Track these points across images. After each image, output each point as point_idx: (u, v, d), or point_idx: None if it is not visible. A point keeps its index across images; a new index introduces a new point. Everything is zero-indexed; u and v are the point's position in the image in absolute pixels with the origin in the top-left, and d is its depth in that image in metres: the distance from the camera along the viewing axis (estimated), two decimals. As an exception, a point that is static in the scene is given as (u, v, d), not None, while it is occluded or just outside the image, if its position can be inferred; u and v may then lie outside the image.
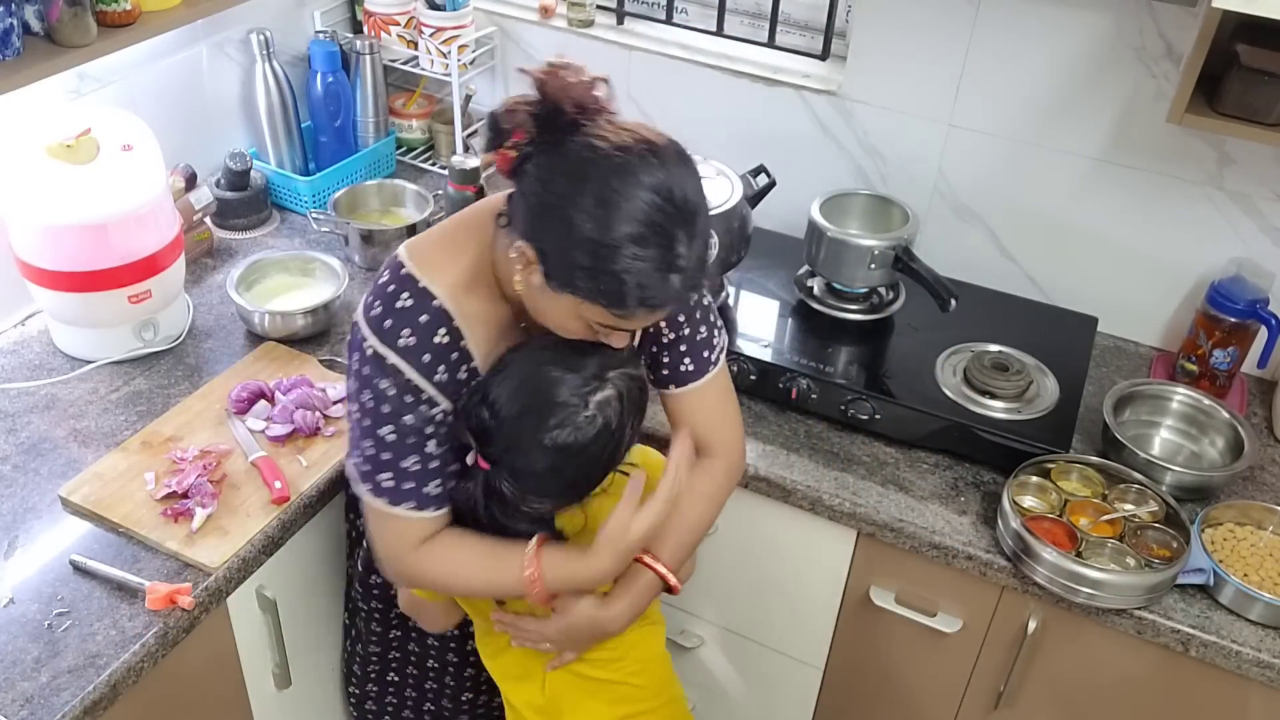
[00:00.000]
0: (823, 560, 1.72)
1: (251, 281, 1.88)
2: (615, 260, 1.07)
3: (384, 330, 1.21)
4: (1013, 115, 1.88)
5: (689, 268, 1.11)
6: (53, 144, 1.61)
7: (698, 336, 1.36)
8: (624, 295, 1.09)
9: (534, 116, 1.13)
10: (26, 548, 1.44)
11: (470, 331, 1.24)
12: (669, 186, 1.08)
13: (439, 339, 1.22)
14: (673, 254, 1.09)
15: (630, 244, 1.06)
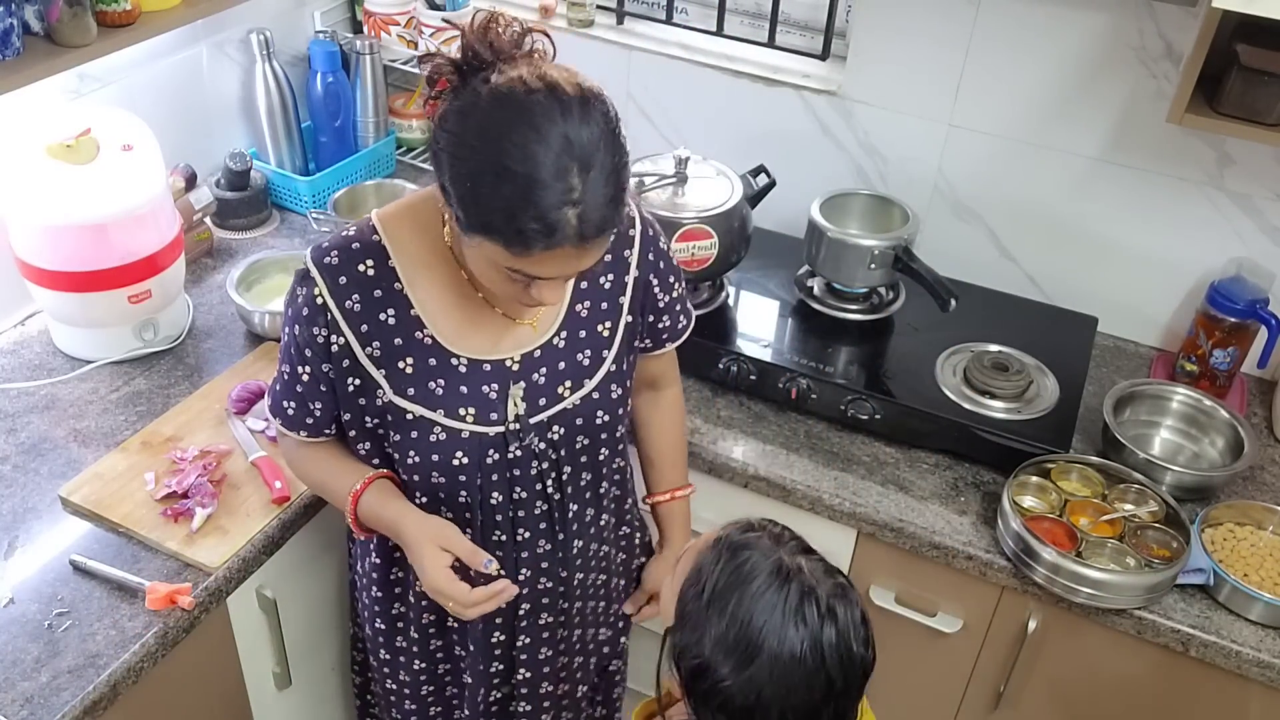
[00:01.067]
0: (823, 560, 1.72)
1: (251, 281, 1.88)
2: (504, 197, 1.05)
3: (319, 248, 1.25)
4: (1013, 115, 1.88)
5: (585, 205, 1.05)
6: (53, 144, 1.61)
7: (684, 293, 1.45)
8: (518, 233, 1.06)
9: (453, 64, 1.16)
10: (26, 548, 1.44)
11: (410, 278, 1.24)
12: (562, 126, 1.04)
13: (364, 268, 1.23)
14: (565, 189, 1.04)
15: (519, 180, 1.04)
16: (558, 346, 1.31)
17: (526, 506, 1.33)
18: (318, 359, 1.25)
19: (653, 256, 1.37)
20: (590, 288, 1.32)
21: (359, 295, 1.23)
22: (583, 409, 1.33)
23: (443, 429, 1.26)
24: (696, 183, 1.83)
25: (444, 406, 1.26)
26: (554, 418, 1.31)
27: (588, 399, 1.33)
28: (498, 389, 1.28)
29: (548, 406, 1.31)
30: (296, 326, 1.25)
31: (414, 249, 1.25)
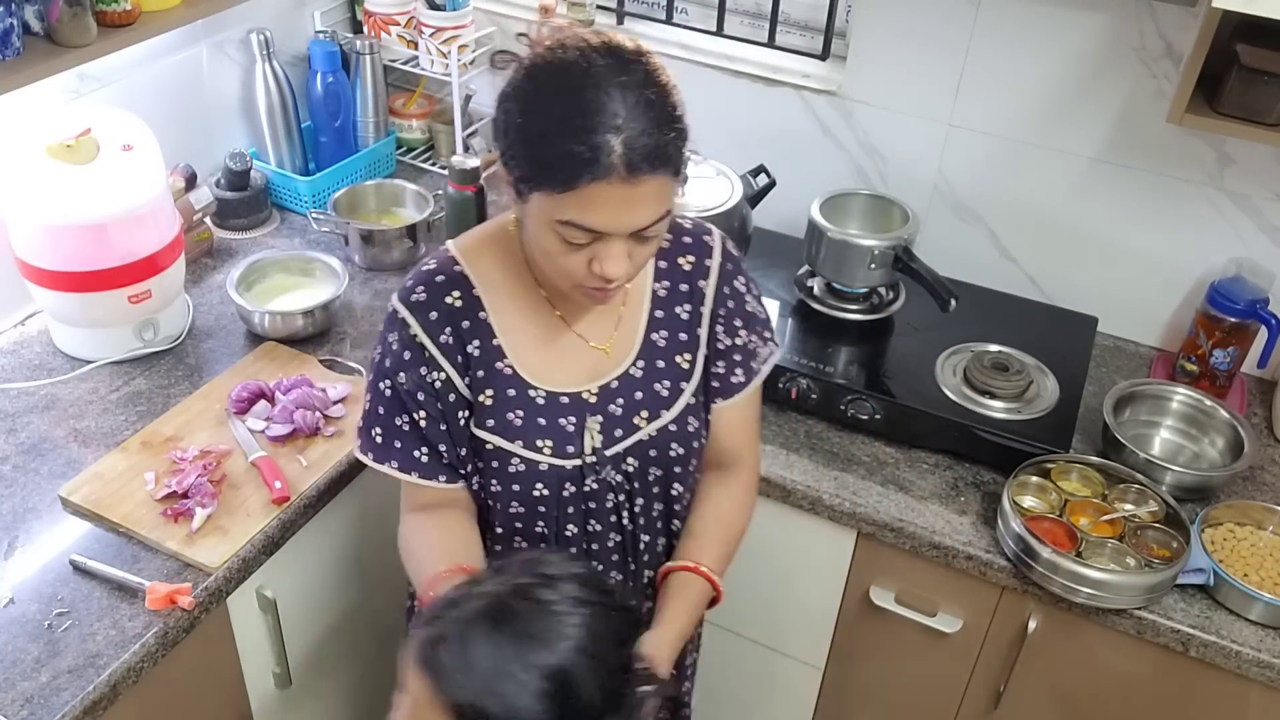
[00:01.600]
0: (823, 560, 1.72)
1: (251, 281, 1.88)
2: (550, 132, 1.05)
3: (404, 289, 1.24)
4: (1013, 115, 1.88)
5: (630, 131, 1.03)
6: (53, 144, 1.61)
7: (749, 345, 1.34)
8: (562, 163, 1.04)
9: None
10: (26, 548, 1.44)
11: (494, 306, 1.24)
12: (604, 64, 1.05)
13: (450, 299, 1.22)
14: (610, 115, 1.03)
15: (562, 110, 1.04)
16: (635, 377, 1.28)
17: (600, 539, 1.31)
18: (432, 400, 1.23)
19: (728, 290, 1.32)
20: (667, 316, 1.29)
21: (450, 328, 1.22)
22: (658, 440, 1.29)
23: (521, 460, 1.25)
24: (696, 183, 1.83)
25: (522, 438, 1.24)
26: (629, 449, 1.28)
27: (664, 430, 1.29)
28: (575, 421, 1.26)
29: (624, 438, 1.28)
30: (402, 375, 1.23)
31: (496, 276, 1.24)
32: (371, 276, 2.02)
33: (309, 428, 1.63)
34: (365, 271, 2.03)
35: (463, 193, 1.94)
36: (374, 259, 2.03)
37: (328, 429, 1.64)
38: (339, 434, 1.64)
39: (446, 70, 2.19)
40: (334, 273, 1.90)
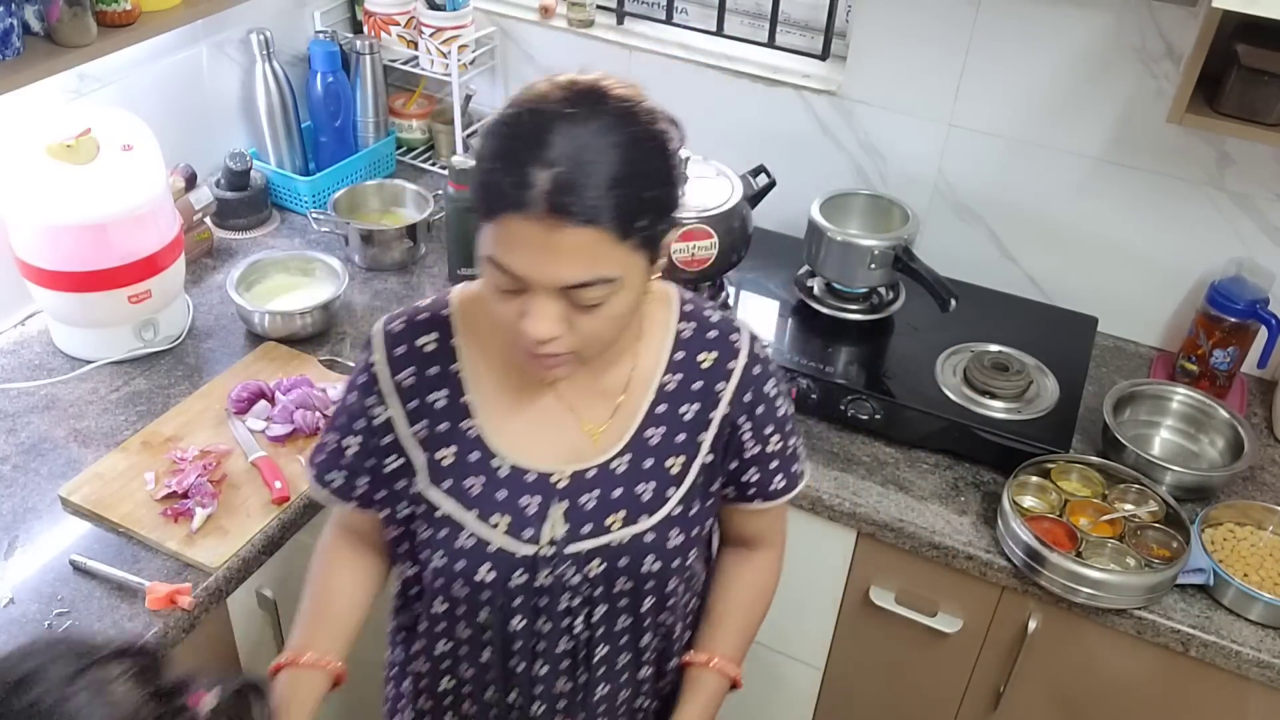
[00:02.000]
0: (823, 560, 1.72)
1: (251, 281, 1.88)
2: (482, 160, 1.00)
3: (389, 315, 1.18)
4: (1013, 115, 1.88)
5: (562, 168, 0.94)
6: (53, 144, 1.61)
7: (787, 450, 1.24)
8: (485, 187, 0.99)
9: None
10: (26, 548, 1.44)
11: (471, 361, 1.15)
12: (553, 97, 1.00)
13: (424, 341, 1.15)
14: (541, 146, 0.95)
15: (502, 138, 0.99)
16: (616, 471, 1.15)
17: (550, 640, 1.17)
18: (367, 433, 1.16)
19: (750, 398, 1.19)
20: (668, 413, 1.16)
21: (414, 369, 1.14)
22: (630, 548, 1.14)
23: (471, 534, 1.13)
24: (696, 183, 1.83)
25: (477, 507, 1.13)
26: (595, 551, 1.14)
27: (638, 539, 1.14)
28: (539, 503, 1.13)
29: (590, 536, 1.14)
30: (351, 395, 1.17)
31: (487, 330, 1.14)
32: (371, 277, 2.02)
33: (309, 428, 1.63)
34: (365, 271, 2.03)
35: (463, 193, 1.94)
36: (374, 259, 2.03)
37: (328, 429, 1.64)
38: (339, 434, 1.64)
39: (446, 70, 2.19)
40: (334, 273, 1.90)
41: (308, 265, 1.94)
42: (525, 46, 2.26)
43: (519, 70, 2.29)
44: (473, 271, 2.00)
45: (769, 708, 1.98)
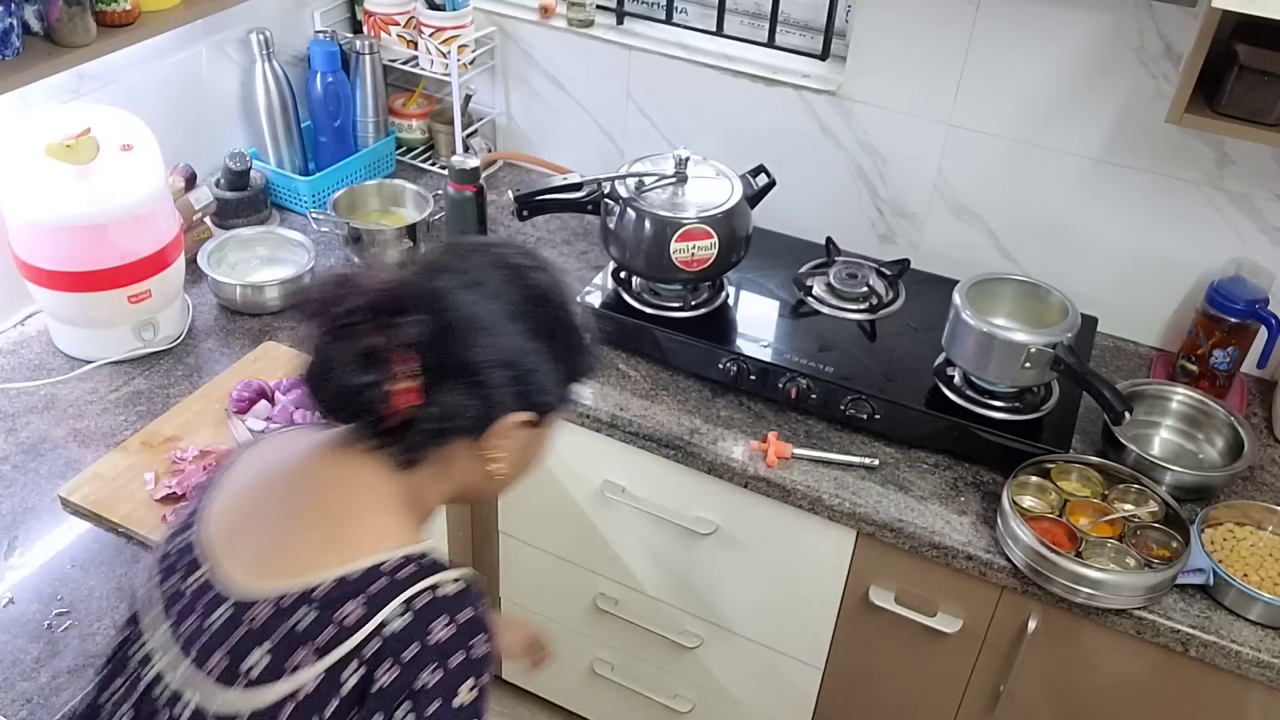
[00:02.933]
0: (823, 560, 1.72)
1: (220, 259, 1.96)
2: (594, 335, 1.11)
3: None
4: (1012, 115, 1.88)
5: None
6: (53, 144, 1.61)
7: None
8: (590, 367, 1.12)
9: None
10: (26, 548, 1.44)
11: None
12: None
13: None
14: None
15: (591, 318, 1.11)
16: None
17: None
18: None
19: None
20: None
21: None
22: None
23: None
24: (696, 183, 1.84)
25: None
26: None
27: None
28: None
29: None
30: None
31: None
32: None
33: (309, 428, 1.63)
34: (365, 271, 2.03)
35: (462, 192, 1.94)
36: (374, 259, 2.03)
37: (328, 429, 1.64)
38: (339, 434, 1.64)
39: (446, 70, 2.19)
40: (305, 249, 1.98)
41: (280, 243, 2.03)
42: (525, 46, 2.26)
43: (519, 70, 2.29)
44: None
45: (769, 708, 1.98)
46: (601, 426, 1.76)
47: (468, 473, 1.06)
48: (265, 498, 1.05)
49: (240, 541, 1.02)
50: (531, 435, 1.08)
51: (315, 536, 1.00)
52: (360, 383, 0.96)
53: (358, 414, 1.00)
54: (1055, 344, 1.58)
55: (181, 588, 1.01)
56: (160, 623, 1.01)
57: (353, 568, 0.96)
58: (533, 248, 1.10)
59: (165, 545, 1.07)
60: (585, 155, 2.31)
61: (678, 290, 1.86)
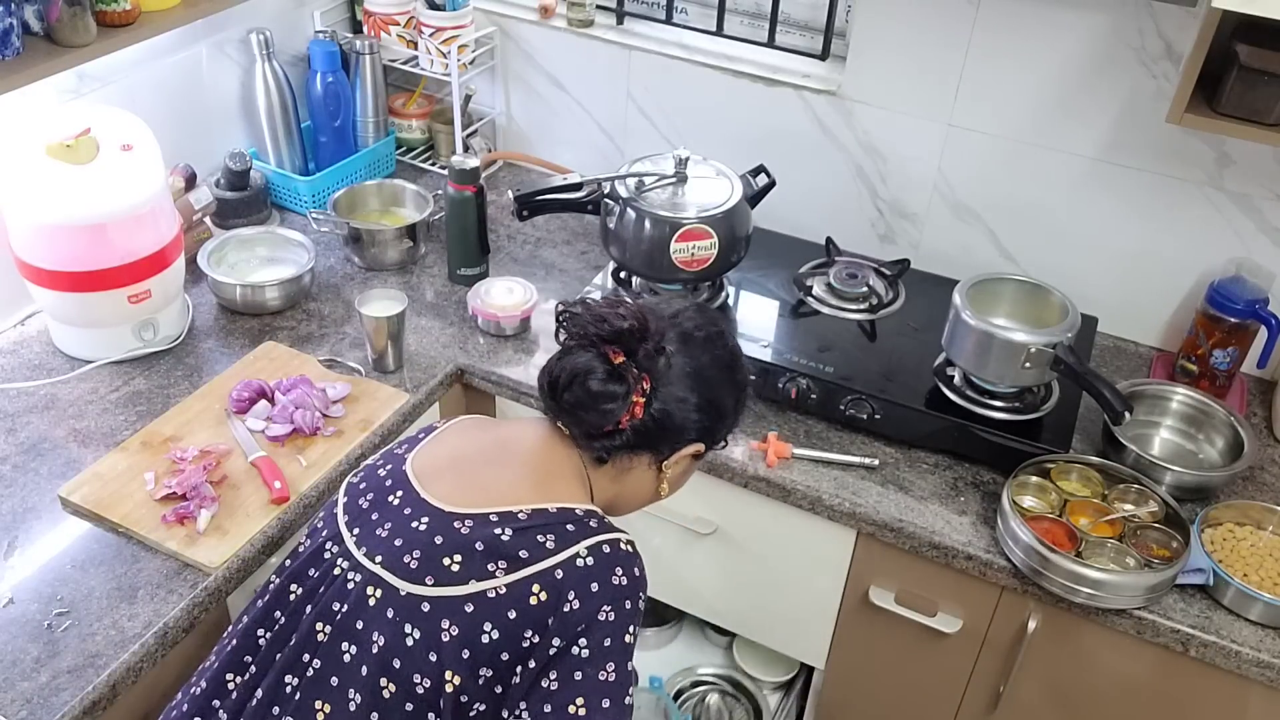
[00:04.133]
0: (823, 560, 1.72)
1: (220, 259, 1.96)
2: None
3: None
4: (1012, 115, 1.88)
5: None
6: (53, 144, 1.61)
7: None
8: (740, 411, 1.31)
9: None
10: (26, 548, 1.44)
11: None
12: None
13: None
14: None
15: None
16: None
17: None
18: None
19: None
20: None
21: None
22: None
23: None
24: (696, 183, 1.84)
25: None
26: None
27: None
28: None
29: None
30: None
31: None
32: (371, 276, 2.02)
33: (309, 427, 1.63)
34: (365, 271, 2.03)
35: (462, 193, 1.94)
36: (374, 259, 2.04)
37: (327, 429, 1.64)
38: (338, 434, 1.64)
39: (446, 70, 2.19)
40: (305, 249, 1.98)
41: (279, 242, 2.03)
42: (525, 46, 2.26)
43: (519, 70, 2.29)
44: (472, 271, 2.00)
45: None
46: (601, 426, 1.76)
47: (639, 482, 1.27)
48: (472, 449, 1.25)
49: (444, 475, 1.21)
50: (691, 464, 1.31)
51: (516, 478, 1.20)
52: (603, 390, 1.18)
53: (588, 414, 1.19)
54: (1055, 344, 1.58)
55: (378, 503, 1.20)
56: (355, 528, 1.19)
57: (549, 505, 1.17)
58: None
59: (353, 477, 1.27)
60: (585, 155, 2.31)
61: (678, 290, 1.86)
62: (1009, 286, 1.74)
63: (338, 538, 1.20)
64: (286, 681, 1.15)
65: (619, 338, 1.20)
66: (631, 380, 1.19)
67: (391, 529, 1.17)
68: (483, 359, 1.84)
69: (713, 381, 1.25)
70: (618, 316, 1.20)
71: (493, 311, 1.87)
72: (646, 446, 1.23)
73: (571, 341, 1.23)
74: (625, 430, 1.20)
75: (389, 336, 1.76)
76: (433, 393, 1.78)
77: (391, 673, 1.11)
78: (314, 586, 1.18)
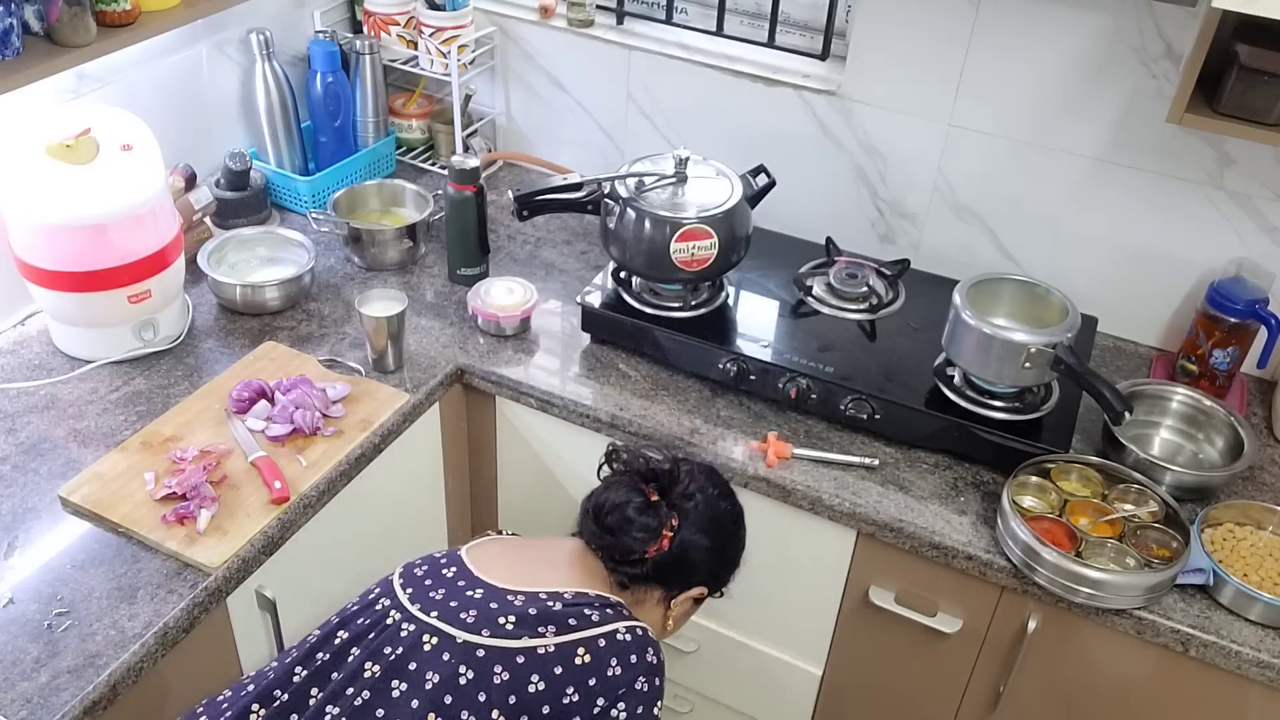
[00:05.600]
0: (823, 560, 1.72)
1: (220, 259, 1.96)
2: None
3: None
4: (1013, 115, 1.88)
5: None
6: (53, 144, 1.61)
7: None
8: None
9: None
10: (26, 548, 1.44)
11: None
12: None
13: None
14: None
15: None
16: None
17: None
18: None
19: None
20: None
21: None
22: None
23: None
24: (696, 183, 1.83)
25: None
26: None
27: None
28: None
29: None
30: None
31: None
32: (371, 276, 2.02)
33: (309, 428, 1.63)
34: (365, 271, 2.04)
35: (462, 193, 1.94)
36: (374, 259, 2.04)
37: (327, 429, 1.64)
38: (338, 434, 1.64)
39: (446, 70, 2.19)
40: (305, 249, 1.98)
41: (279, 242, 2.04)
42: (525, 46, 2.26)
43: (519, 70, 2.29)
44: (472, 271, 2.00)
45: (769, 708, 1.98)
46: (601, 426, 1.76)
47: (649, 615, 1.41)
48: (522, 549, 1.45)
49: (497, 562, 1.37)
50: (693, 607, 1.47)
51: (561, 571, 1.38)
52: (639, 519, 1.36)
53: (623, 537, 1.36)
54: (1055, 344, 1.58)
55: (433, 573, 1.35)
56: (409, 588, 1.33)
57: (590, 591, 1.35)
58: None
59: (409, 560, 1.40)
60: (585, 155, 2.31)
61: (678, 290, 1.86)
62: (1009, 286, 1.74)
63: (391, 594, 1.32)
64: (328, 711, 1.24)
65: (656, 477, 1.40)
66: (663, 515, 1.37)
67: (446, 594, 1.31)
68: (483, 359, 1.84)
69: (725, 531, 1.44)
70: (657, 460, 1.42)
71: (493, 311, 1.87)
72: (660, 581, 1.39)
73: (614, 477, 1.43)
74: (649, 561, 1.36)
75: (389, 336, 1.76)
76: (433, 393, 1.78)
77: (441, 708, 1.22)
78: (362, 632, 1.29)
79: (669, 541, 1.36)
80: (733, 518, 1.46)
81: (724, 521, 1.44)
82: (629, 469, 1.43)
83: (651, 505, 1.38)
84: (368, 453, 1.65)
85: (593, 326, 1.89)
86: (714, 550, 1.42)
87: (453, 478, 1.94)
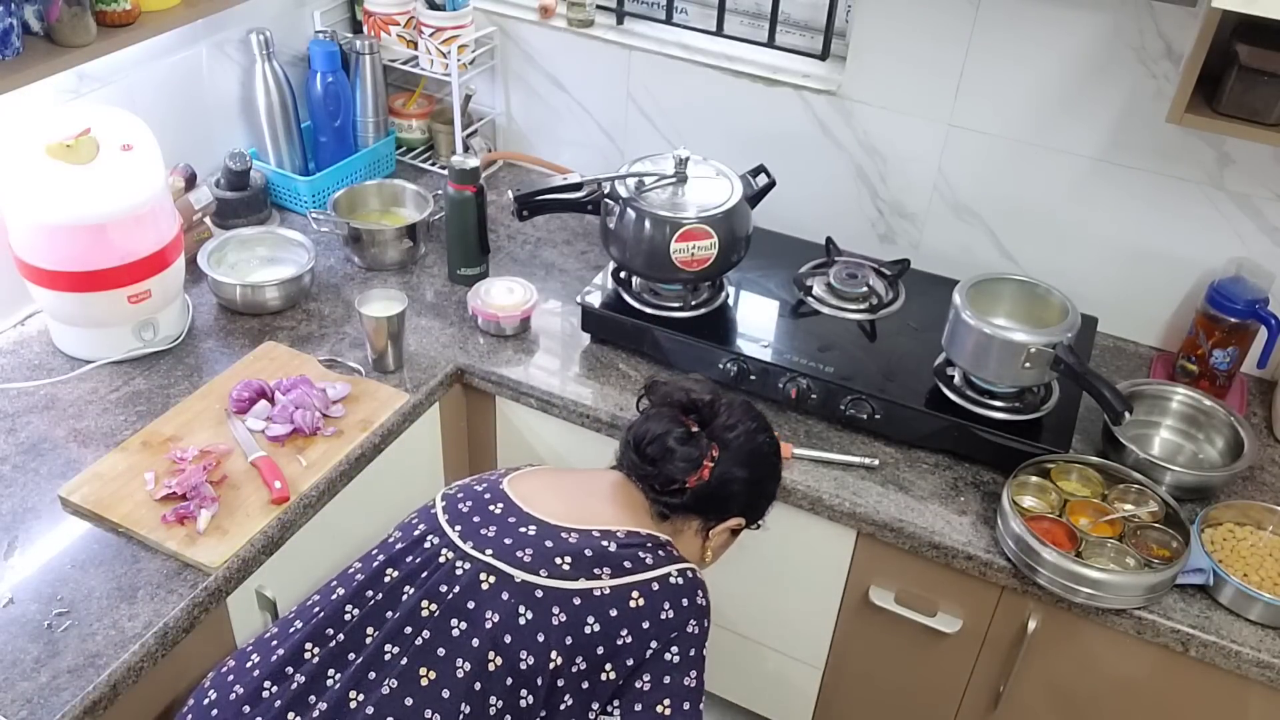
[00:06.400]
0: (823, 560, 1.72)
1: (220, 259, 1.96)
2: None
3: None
4: (1012, 115, 1.88)
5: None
6: (52, 144, 1.61)
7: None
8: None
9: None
10: (26, 548, 1.44)
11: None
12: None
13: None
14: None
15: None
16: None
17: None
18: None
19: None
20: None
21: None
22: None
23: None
24: (696, 183, 1.83)
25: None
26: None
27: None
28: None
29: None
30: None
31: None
32: (371, 276, 2.02)
33: (309, 428, 1.63)
34: (365, 271, 2.03)
35: (462, 193, 1.94)
36: (374, 259, 2.04)
37: (327, 429, 1.64)
38: (338, 434, 1.64)
39: (446, 70, 2.19)
40: (305, 249, 1.98)
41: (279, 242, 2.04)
42: (525, 46, 2.26)
43: (519, 70, 2.29)
44: (472, 271, 2.00)
45: (769, 708, 1.98)
46: (601, 426, 1.76)
47: (687, 546, 1.41)
48: (565, 481, 1.45)
49: (543, 495, 1.37)
50: (730, 538, 1.47)
51: (609, 506, 1.38)
52: (679, 450, 1.35)
53: (665, 466, 1.36)
54: (1055, 344, 1.58)
55: (478, 509, 1.35)
56: (458, 525, 1.33)
57: (640, 529, 1.36)
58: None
59: (448, 489, 1.41)
60: (585, 155, 2.31)
61: (678, 290, 1.86)
62: (1009, 286, 1.74)
63: (439, 531, 1.33)
64: (387, 650, 1.24)
65: (696, 409, 1.40)
66: (704, 446, 1.36)
67: (498, 531, 1.31)
68: (483, 359, 1.84)
69: (764, 464, 1.44)
70: (697, 392, 1.41)
71: (493, 311, 1.87)
72: (699, 511, 1.39)
73: (654, 409, 1.42)
74: (689, 491, 1.36)
75: (389, 336, 1.76)
76: (433, 393, 1.78)
77: (501, 647, 1.23)
78: (414, 570, 1.30)
79: (709, 472, 1.36)
80: (771, 451, 1.45)
81: (763, 454, 1.43)
82: (668, 401, 1.42)
83: (692, 436, 1.38)
84: (368, 453, 1.65)
85: (593, 326, 1.89)
86: (752, 482, 1.41)
87: (453, 478, 1.94)
